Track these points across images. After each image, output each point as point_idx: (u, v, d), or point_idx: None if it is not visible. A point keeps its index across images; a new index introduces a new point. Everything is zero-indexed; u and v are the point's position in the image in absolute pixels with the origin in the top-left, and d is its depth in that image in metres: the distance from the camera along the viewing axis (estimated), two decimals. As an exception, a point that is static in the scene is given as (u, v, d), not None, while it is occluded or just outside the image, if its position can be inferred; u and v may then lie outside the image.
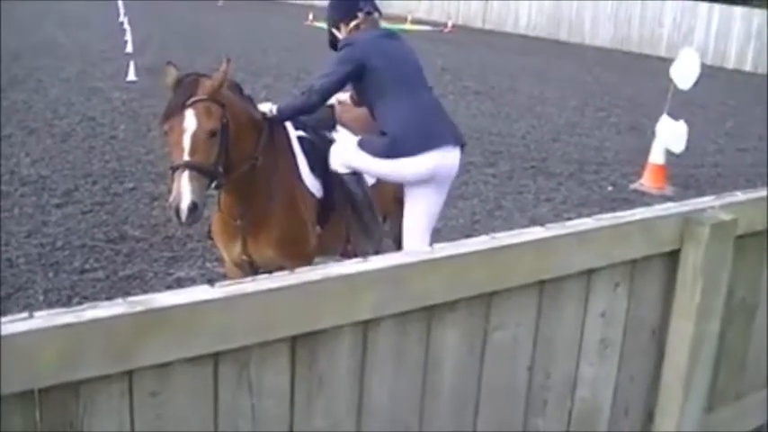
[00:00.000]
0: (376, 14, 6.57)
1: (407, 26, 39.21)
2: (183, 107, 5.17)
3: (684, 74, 12.77)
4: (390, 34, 6.65)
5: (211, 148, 5.18)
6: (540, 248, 2.92)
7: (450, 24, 39.75)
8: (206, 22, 36.49)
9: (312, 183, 6.05)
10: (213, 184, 5.41)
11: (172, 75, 5.39)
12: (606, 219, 3.24)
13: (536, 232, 2.96)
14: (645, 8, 36.11)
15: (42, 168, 11.65)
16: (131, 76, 19.47)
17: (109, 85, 18.92)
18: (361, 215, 6.34)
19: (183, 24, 34.33)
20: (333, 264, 2.51)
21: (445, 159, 6.31)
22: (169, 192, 5.17)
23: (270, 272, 5.71)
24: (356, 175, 6.23)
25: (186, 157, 5.08)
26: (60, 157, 12.34)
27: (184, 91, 5.25)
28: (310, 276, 2.37)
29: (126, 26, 26.91)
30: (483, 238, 2.82)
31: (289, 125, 6.13)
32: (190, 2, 50.34)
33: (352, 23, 6.41)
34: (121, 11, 32.80)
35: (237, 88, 5.79)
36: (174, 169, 5.13)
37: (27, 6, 36.82)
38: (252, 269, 5.96)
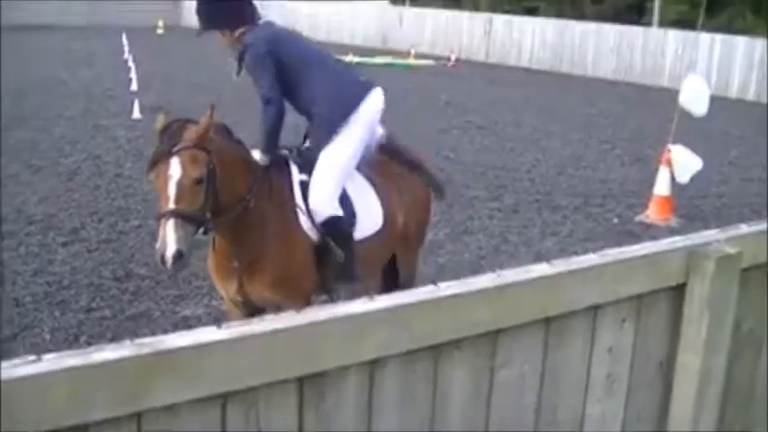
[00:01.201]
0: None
1: (411, 61, 39.36)
2: (169, 155, 5.19)
3: (695, 100, 12.79)
4: (272, 24, 6.54)
5: (197, 195, 5.21)
6: (546, 286, 2.92)
7: (453, 58, 39.88)
8: (209, 58, 36.62)
9: (309, 227, 6.05)
10: (201, 230, 5.44)
11: (160, 121, 5.42)
12: (611, 254, 3.24)
13: (541, 269, 2.96)
14: (647, 39, 36.21)
15: (48, 207, 11.70)
16: (136, 114, 19.57)
17: (114, 123, 19.02)
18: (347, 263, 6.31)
19: (188, 60, 34.43)
20: (338, 304, 2.52)
21: (375, 103, 6.54)
22: (155, 239, 5.19)
23: (264, 310, 5.76)
24: (336, 221, 6.18)
25: (171, 205, 5.12)
26: (66, 196, 12.39)
27: (170, 138, 5.27)
28: (316, 316, 2.37)
29: (130, 63, 27.05)
30: (488, 275, 2.83)
31: (293, 168, 6.12)
32: (193, 37, 50.57)
33: (240, 30, 6.32)
34: (126, 48, 32.95)
35: (226, 131, 5.78)
36: (161, 217, 5.17)
37: (32, 44, 36.97)
38: (248, 308, 5.97)
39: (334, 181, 6.19)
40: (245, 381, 2.28)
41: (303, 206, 6.03)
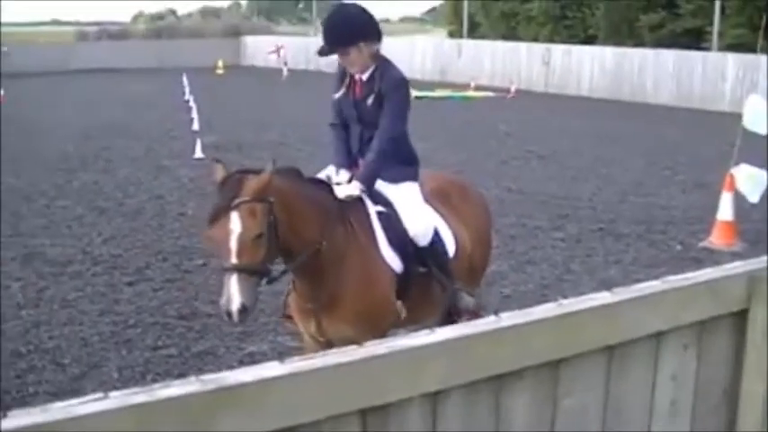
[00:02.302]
0: None
1: (471, 93, 39.44)
2: (228, 209, 5.19)
3: (757, 120, 12.69)
4: None
5: (258, 248, 5.21)
6: (608, 314, 2.92)
7: (513, 89, 39.88)
8: (270, 96, 36.92)
9: (391, 257, 6.05)
10: (274, 278, 5.50)
11: (219, 173, 5.41)
12: (673, 281, 3.24)
13: (603, 297, 2.96)
14: (706, 64, 35.97)
15: (113, 247, 11.85)
16: (198, 153, 19.77)
17: (176, 162, 19.24)
18: (449, 284, 6.35)
19: (247, 99, 34.76)
20: (399, 336, 2.54)
21: None
22: (220, 293, 5.23)
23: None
24: (437, 245, 6.25)
25: (234, 260, 5.13)
26: (131, 236, 12.54)
27: (229, 192, 5.27)
28: (377, 350, 2.39)
29: (191, 104, 27.34)
30: (549, 305, 2.83)
31: (368, 201, 6.13)
32: (253, 76, 50.99)
33: (377, 47, 6.29)
34: (187, 89, 33.33)
35: (295, 175, 5.78)
36: (224, 271, 5.20)
37: (95, 88, 37.55)
38: (329, 346, 5.95)
39: (423, 206, 6.29)
40: (309, 415, 2.30)
41: (384, 236, 6.04)
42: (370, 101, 6.20)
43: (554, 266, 11.36)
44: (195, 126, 22.74)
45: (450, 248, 6.40)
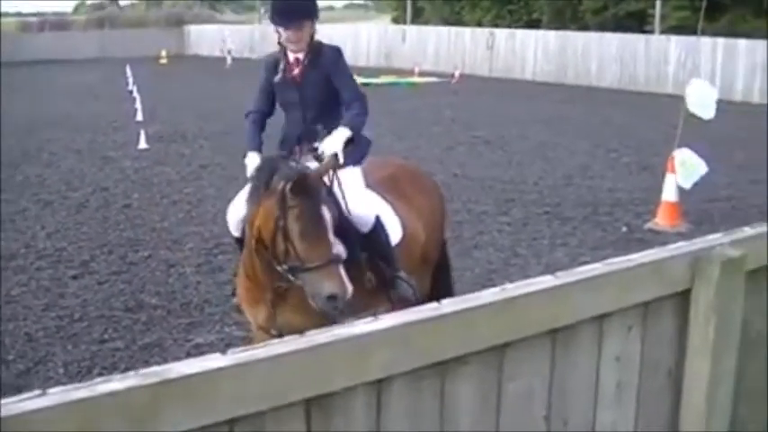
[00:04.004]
0: None
1: (415, 79, 39.45)
2: (317, 203, 5.43)
3: (703, 104, 12.82)
4: None
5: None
6: (551, 297, 2.93)
7: (457, 74, 39.93)
8: (214, 85, 36.76)
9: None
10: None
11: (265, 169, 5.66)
12: (616, 263, 3.25)
13: (546, 281, 2.97)
14: (649, 47, 36.27)
15: (58, 241, 11.73)
16: (142, 144, 19.63)
17: (120, 154, 19.10)
18: (389, 272, 6.34)
19: (192, 89, 34.60)
20: (342, 325, 2.53)
21: None
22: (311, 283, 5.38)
23: None
24: (379, 232, 6.24)
25: (335, 250, 5.46)
26: (75, 229, 12.42)
27: (305, 191, 5.39)
28: (320, 339, 2.38)
29: (135, 94, 27.12)
30: (492, 290, 2.83)
31: None
32: (197, 66, 50.77)
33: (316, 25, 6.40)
34: (130, 80, 33.07)
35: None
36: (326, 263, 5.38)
37: (38, 80, 37.19)
38: (279, 332, 5.93)
39: (364, 192, 6.29)
40: (253, 405, 2.29)
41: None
42: (311, 79, 6.24)
43: (500, 251, 11.38)
44: (139, 117, 22.53)
45: (395, 236, 6.37)
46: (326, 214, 5.33)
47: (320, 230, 5.30)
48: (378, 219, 6.21)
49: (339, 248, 5.32)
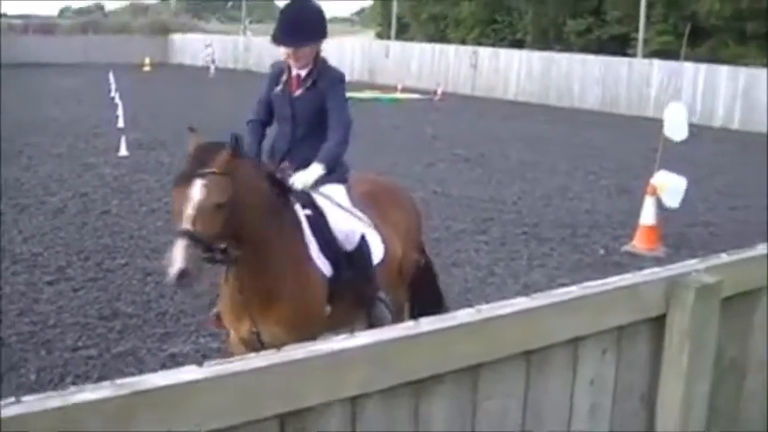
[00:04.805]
0: None
1: (398, 95, 39.51)
2: (193, 176, 5.22)
3: (675, 126, 12.94)
4: None
5: (213, 220, 5.19)
6: (527, 319, 2.93)
7: (439, 92, 40.01)
8: (196, 94, 36.73)
9: (322, 261, 6.05)
10: (216, 259, 5.51)
11: (193, 141, 5.49)
12: (592, 286, 3.26)
13: (522, 303, 2.97)
14: (632, 70, 36.46)
15: (34, 246, 11.68)
16: (123, 152, 19.61)
17: (100, 160, 19.06)
18: (369, 291, 6.36)
19: (174, 97, 34.56)
20: (317, 341, 2.53)
21: None
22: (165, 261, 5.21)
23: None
24: (363, 250, 6.25)
25: (186, 226, 5.12)
26: (52, 234, 12.38)
27: (196, 160, 5.31)
28: (296, 354, 2.38)
29: (117, 101, 27.07)
30: (468, 310, 2.83)
31: (296, 204, 6.12)
32: (180, 74, 50.74)
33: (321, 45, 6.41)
34: (113, 86, 33.03)
35: (254, 158, 5.98)
36: (175, 235, 5.20)
37: (20, 83, 37.09)
38: (259, 344, 5.91)
39: (349, 210, 6.28)
40: (226, 419, 2.28)
41: (315, 240, 6.04)
42: (306, 97, 6.28)
43: (477, 269, 11.40)
44: (120, 123, 22.48)
45: (377, 255, 6.39)
46: (198, 189, 5.17)
47: (183, 203, 5.18)
48: (362, 237, 6.23)
49: (206, 229, 5.17)
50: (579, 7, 49.16)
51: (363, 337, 2.56)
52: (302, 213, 6.10)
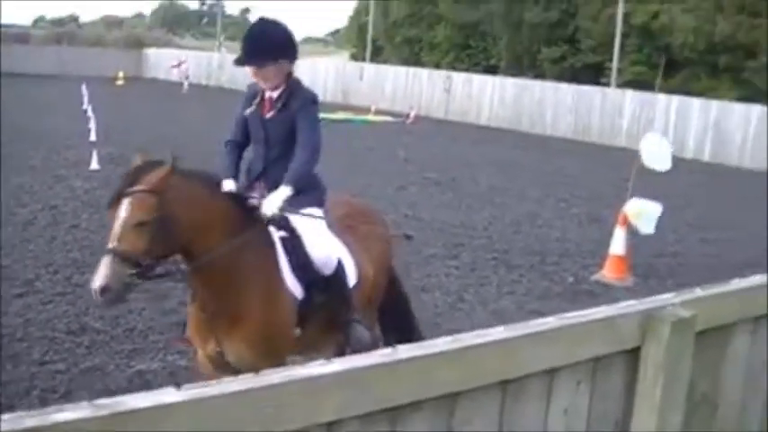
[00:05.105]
0: None
1: (371, 117, 39.56)
2: (121, 195, 5.36)
3: (658, 157, 13.00)
4: None
5: (138, 238, 5.27)
6: (504, 349, 2.94)
7: (412, 115, 40.06)
8: (169, 109, 36.66)
9: (293, 284, 6.04)
10: (153, 275, 5.60)
11: (136, 162, 5.59)
12: (568, 317, 3.27)
13: (499, 332, 2.98)
14: (605, 99, 36.67)
15: (3, 258, 11.60)
16: (94, 165, 19.52)
17: (72, 173, 18.98)
18: (345, 314, 6.35)
19: (147, 112, 34.49)
20: (295, 366, 2.52)
21: None
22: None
23: (238, 371, 5.75)
24: (339, 275, 6.25)
25: (112, 243, 5.26)
26: (21, 246, 12.30)
27: (129, 179, 5.42)
28: (273, 379, 2.37)
29: (89, 114, 26.95)
30: (445, 338, 2.84)
31: (271, 226, 6.11)
32: (153, 89, 50.64)
33: (292, 66, 6.37)
34: (85, 98, 32.89)
35: (204, 176, 5.91)
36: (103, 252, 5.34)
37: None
38: (222, 365, 5.92)
39: (327, 233, 6.27)
40: (203, 442, 2.28)
41: (287, 262, 6.03)
42: (278, 119, 6.24)
43: (447, 294, 11.40)
44: (92, 137, 22.40)
45: (352, 278, 6.39)
46: (124, 208, 5.31)
47: (114, 218, 5.35)
48: (339, 262, 6.23)
49: (131, 247, 5.26)
50: (554, 35, 49.47)
51: (341, 363, 2.56)
52: (276, 235, 6.09)
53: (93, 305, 9.77)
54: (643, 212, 12.86)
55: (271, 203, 5.98)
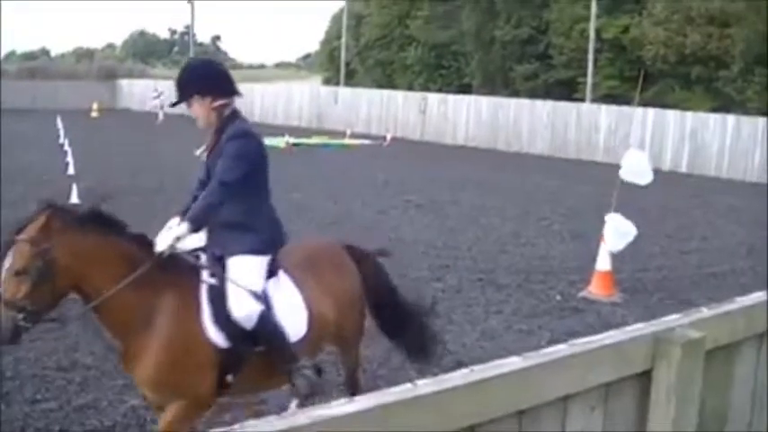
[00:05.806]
0: None
1: (347, 141, 39.62)
2: (9, 244, 5.60)
3: (639, 171, 13.03)
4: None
5: (19, 286, 5.48)
6: (518, 379, 2.92)
7: (389, 138, 40.16)
8: (146, 141, 36.61)
9: (214, 332, 5.94)
10: (44, 319, 5.81)
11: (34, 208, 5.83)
12: (579, 344, 3.26)
13: (513, 363, 2.97)
14: (580, 115, 36.81)
15: (-13, 296, 11.49)
16: (74, 199, 19.40)
17: (52, 208, 18.78)
18: (285, 364, 6.22)
19: (123, 144, 34.43)
20: (318, 406, 2.50)
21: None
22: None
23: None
24: (268, 329, 6.13)
25: (1, 290, 5.52)
26: (6, 285, 12.19)
27: (17, 230, 5.63)
28: (297, 420, 2.35)
29: (66, 147, 26.92)
30: (463, 371, 2.83)
31: (204, 271, 6.08)
32: (128, 120, 50.58)
33: (220, 102, 6.23)
34: (61, 132, 32.84)
35: (97, 220, 5.91)
36: None
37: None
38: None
39: (254, 286, 6.13)
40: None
41: (210, 310, 5.96)
42: (214, 159, 6.21)
43: (435, 317, 11.36)
44: (71, 170, 22.34)
45: (297, 332, 6.27)
46: (7, 257, 5.53)
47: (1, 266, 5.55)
48: (268, 318, 6.10)
49: (12, 294, 5.47)
50: (526, 52, 49.64)
51: (363, 401, 2.54)
52: (206, 282, 6.04)
53: (82, 341, 9.73)
54: (618, 229, 12.86)
55: (163, 239, 5.95)
